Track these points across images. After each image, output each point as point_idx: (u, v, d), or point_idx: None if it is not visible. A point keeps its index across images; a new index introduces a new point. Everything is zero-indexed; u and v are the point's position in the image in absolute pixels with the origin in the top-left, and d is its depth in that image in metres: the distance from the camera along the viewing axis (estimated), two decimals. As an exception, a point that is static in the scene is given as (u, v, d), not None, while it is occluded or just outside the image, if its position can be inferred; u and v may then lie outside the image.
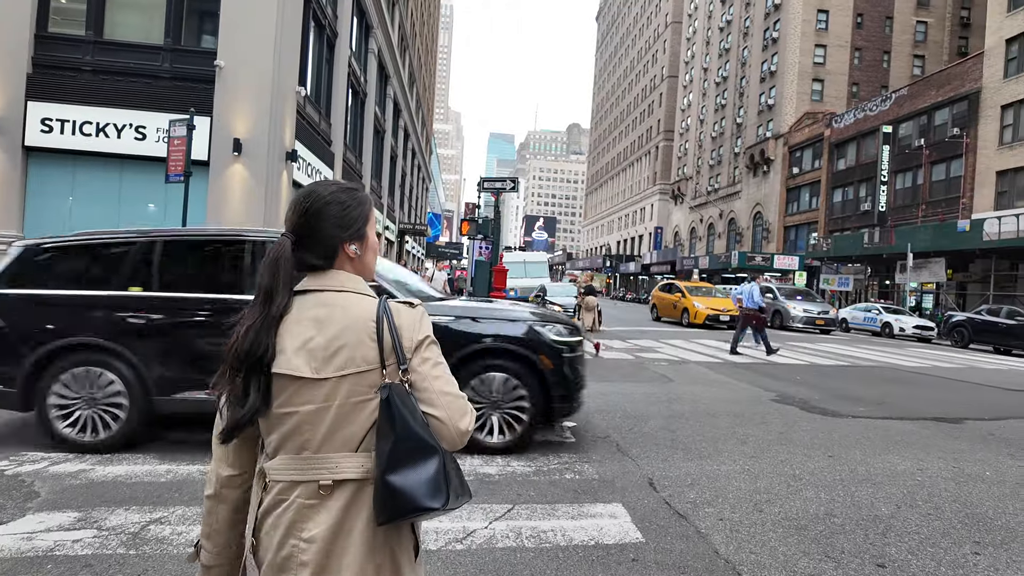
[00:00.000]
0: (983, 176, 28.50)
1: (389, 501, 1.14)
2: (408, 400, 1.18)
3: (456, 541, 3.11)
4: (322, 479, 1.17)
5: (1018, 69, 27.37)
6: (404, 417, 1.15)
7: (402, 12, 32.62)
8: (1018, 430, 6.43)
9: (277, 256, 1.23)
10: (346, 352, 1.19)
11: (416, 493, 1.13)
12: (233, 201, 12.85)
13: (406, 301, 1.30)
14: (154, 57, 13.34)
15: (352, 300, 1.24)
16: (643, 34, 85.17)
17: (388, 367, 1.20)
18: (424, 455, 1.15)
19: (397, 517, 1.14)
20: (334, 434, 1.19)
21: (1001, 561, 3.15)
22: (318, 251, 1.25)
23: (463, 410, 1.23)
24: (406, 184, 41.04)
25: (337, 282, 1.26)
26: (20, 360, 4.29)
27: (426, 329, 1.27)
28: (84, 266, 4.65)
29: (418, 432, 1.15)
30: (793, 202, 45.08)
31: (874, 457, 5.07)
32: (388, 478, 1.13)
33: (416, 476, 1.13)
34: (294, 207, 1.27)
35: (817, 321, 22.21)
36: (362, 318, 1.22)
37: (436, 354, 1.27)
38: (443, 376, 1.24)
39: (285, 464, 1.19)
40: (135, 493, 3.60)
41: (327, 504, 1.17)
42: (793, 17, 45.20)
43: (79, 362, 4.35)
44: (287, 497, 1.18)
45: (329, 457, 1.19)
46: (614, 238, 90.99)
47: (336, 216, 1.26)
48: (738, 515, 3.64)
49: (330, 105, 18.65)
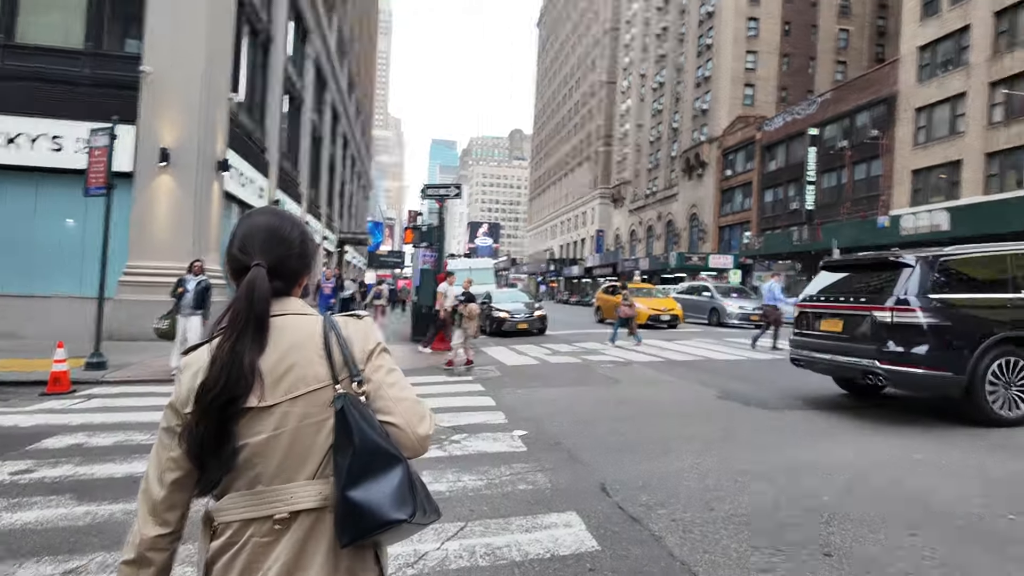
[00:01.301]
0: (900, 175, 30.35)
1: (351, 519, 1.06)
2: (364, 410, 1.12)
3: (407, 566, 2.99)
4: (277, 513, 1.09)
5: (931, 74, 29.31)
6: (361, 427, 1.09)
7: (340, 17, 32.01)
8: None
9: (264, 286, 1.17)
10: (295, 372, 1.13)
11: (381, 505, 1.06)
12: (160, 214, 12.24)
13: (352, 313, 1.28)
14: (73, 62, 12.55)
15: (296, 320, 1.20)
16: (582, 41, 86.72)
17: (341, 381, 1.15)
18: (387, 465, 1.09)
19: (362, 535, 1.07)
20: (288, 463, 1.11)
21: (935, 540, 3.28)
22: (285, 279, 1.24)
23: (421, 414, 1.19)
24: (345, 192, 40.23)
25: (290, 307, 1.22)
26: (963, 353, 5.84)
27: (377, 337, 1.24)
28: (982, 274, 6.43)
29: (378, 441, 1.10)
30: (727, 203, 46.78)
31: (814, 448, 5.24)
32: (349, 494, 1.06)
33: (379, 488, 1.07)
34: (268, 235, 1.24)
35: (752, 317, 22.97)
36: (308, 335, 1.18)
37: (389, 361, 1.23)
38: (398, 382, 1.21)
39: (235, 502, 1.11)
40: (49, 541, 3.28)
41: (283, 539, 1.09)
42: (725, 25, 46.99)
43: (1002, 354, 5.89)
44: (240, 538, 1.09)
45: (284, 488, 1.11)
46: (557, 242, 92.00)
47: (301, 249, 1.27)
48: (690, 515, 3.66)
49: (265, 112, 18.06)
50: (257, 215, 1.28)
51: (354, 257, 46.39)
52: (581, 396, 7.77)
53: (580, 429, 5.93)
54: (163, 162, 12.14)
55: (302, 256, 1.27)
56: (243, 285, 1.17)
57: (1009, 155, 25.30)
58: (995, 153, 25.73)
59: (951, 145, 27.69)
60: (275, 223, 1.27)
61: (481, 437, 5.59)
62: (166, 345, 9.30)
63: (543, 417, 6.43)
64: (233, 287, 1.22)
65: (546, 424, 6.14)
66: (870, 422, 6.34)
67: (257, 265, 1.19)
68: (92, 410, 6.69)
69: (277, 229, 1.25)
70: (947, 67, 28.47)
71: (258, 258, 1.20)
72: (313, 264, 1.32)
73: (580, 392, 8.10)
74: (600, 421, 6.27)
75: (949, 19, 28.44)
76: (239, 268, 1.21)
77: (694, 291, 26.17)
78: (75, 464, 4.64)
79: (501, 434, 5.71)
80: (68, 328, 11.32)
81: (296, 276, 1.27)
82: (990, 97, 26.03)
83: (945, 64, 28.66)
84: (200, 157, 12.53)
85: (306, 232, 1.31)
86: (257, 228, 1.25)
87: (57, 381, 7.54)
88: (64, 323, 11.51)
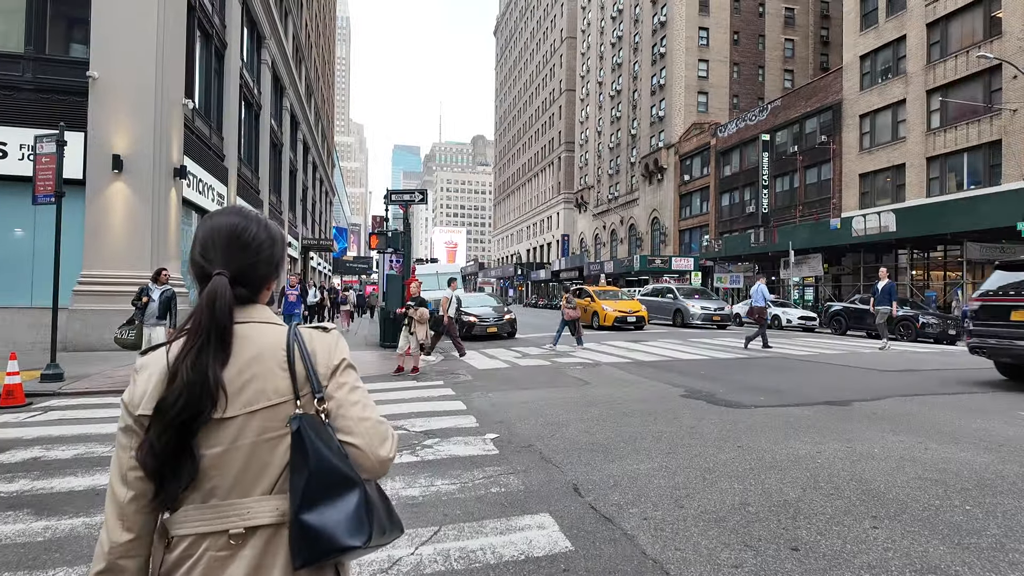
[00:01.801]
0: (848, 178, 31.56)
1: (305, 542, 1.04)
2: (323, 431, 1.09)
3: (381, 572, 2.97)
4: (233, 528, 1.06)
5: (872, 82, 30.61)
6: (318, 449, 1.06)
7: (296, 23, 31.56)
8: (896, 408, 7.09)
9: (226, 297, 1.12)
10: (255, 385, 1.10)
11: (336, 531, 1.04)
12: (115, 222, 11.83)
13: (319, 326, 1.22)
14: (13, 66, 12.06)
15: (262, 329, 1.15)
16: (540, 48, 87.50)
17: (303, 397, 1.11)
18: (343, 489, 1.06)
19: (315, 559, 1.05)
20: (245, 477, 1.08)
21: (897, 532, 3.42)
22: (251, 287, 1.19)
23: (383, 436, 1.15)
24: (308, 198, 39.59)
25: (255, 315, 1.18)
26: None
27: (342, 353, 1.20)
28: None
29: (335, 464, 1.06)
30: (686, 207, 47.81)
31: (778, 444, 5.40)
32: (303, 517, 1.04)
33: (335, 513, 1.04)
34: (229, 240, 1.17)
35: (714, 317, 23.57)
36: (271, 346, 1.13)
37: (354, 378, 1.19)
38: (361, 401, 1.16)
39: (189, 515, 1.07)
40: (6, 557, 3.15)
41: (239, 555, 1.06)
42: (677, 33, 48.13)
43: None
44: (194, 553, 1.06)
45: (240, 503, 1.08)
46: (524, 247, 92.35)
47: (268, 252, 1.22)
48: (660, 513, 3.73)
49: (221, 118, 17.66)
50: (219, 216, 1.21)
51: (319, 264, 45.64)
52: (552, 398, 7.82)
53: (551, 431, 5.97)
54: (116, 169, 11.75)
55: (270, 260, 1.21)
56: (204, 295, 1.12)
57: (948, 159, 26.60)
58: (935, 157, 27.02)
59: (895, 150, 28.96)
60: (239, 224, 1.19)
61: (453, 441, 5.57)
62: (127, 355, 9.01)
63: (514, 420, 6.44)
64: (197, 292, 1.17)
65: (518, 427, 6.16)
66: (828, 419, 6.57)
67: (219, 274, 1.14)
68: (49, 423, 6.41)
69: (242, 231, 1.18)
70: (887, 75, 29.81)
71: (220, 265, 1.15)
72: (283, 267, 1.26)
73: (551, 394, 8.15)
74: (571, 423, 6.33)
75: (886, 30, 29.80)
76: (202, 275, 1.16)
77: (658, 293, 26.68)
78: (32, 478, 4.45)
79: (473, 438, 5.71)
80: (20, 340, 10.85)
81: (263, 281, 1.21)
82: (928, 104, 27.35)
83: (885, 72, 30.00)
84: (155, 164, 12.18)
85: (274, 232, 1.23)
86: (218, 231, 1.18)
87: (10, 394, 7.23)
88: (16, 335, 11.02)
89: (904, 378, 9.68)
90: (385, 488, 4.20)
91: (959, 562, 3.04)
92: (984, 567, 2.99)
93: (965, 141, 25.57)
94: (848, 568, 2.98)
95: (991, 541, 3.29)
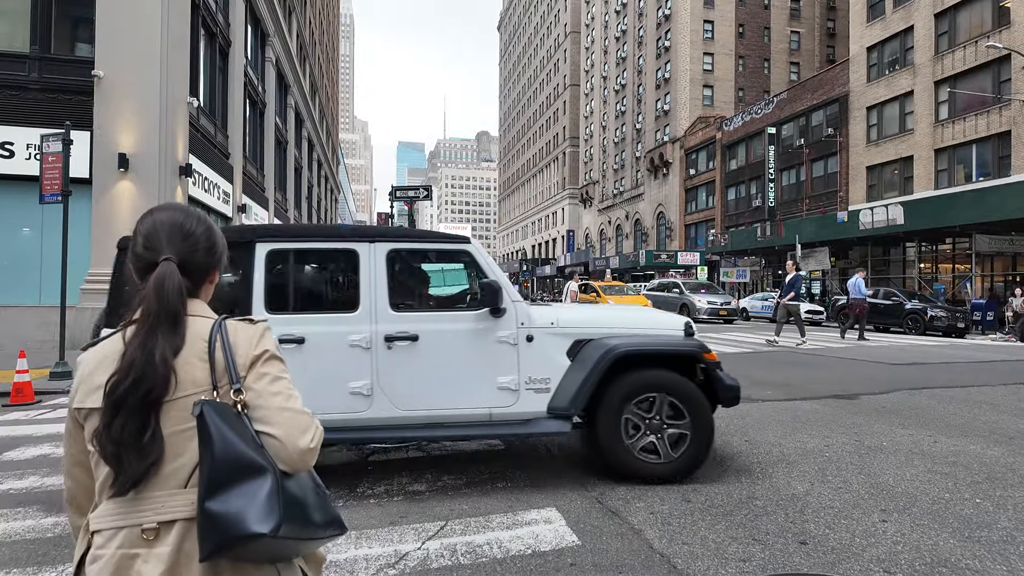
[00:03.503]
0: (855, 171, 31.35)
1: (209, 530, 1.00)
2: (232, 418, 1.06)
3: (388, 567, 2.97)
4: (145, 522, 1.05)
5: (879, 73, 30.36)
6: (224, 435, 1.03)
7: (299, 21, 31.58)
8: (904, 401, 7.05)
9: (175, 280, 1.13)
10: (172, 376, 1.09)
11: (240, 517, 0.99)
12: (122, 221, 11.86)
13: (247, 318, 1.22)
14: (19, 66, 12.12)
15: (191, 322, 1.15)
16: (544, 44, 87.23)
17: (221, 388, 1.10)
18: (250, 476, 1.02)
19: (221, 548, 1.00)
20: (159, 470, 1.07)
21: (906, 526, 3.40)
22: (193, 277, 1.20)
23: (304, 427, 1.12)
24: (313, 195, 39.68)
25: (192, 309, 1.18)
26: None
27: (265, 344, 1.18)
28: None
29: (241, 450, 1.03)
30: (692, 201, 47.62)
31: (786, 438, 5.37)
32: (206, 505, 1.00)
33: (240, 500, 1.00)
34: (172, 230, 1.19)
35: (720, 312, 23.51)
36: (193, 337, 1.13)
37: (277, 369, 1.17)
38: (283, 392, 1.14)
39: (108, 509, 1.07)
40: (16, 553, 3.18)
41: (154, 551, 1.04)
42: (682, 27, 47.86)
43: None
44: (107, 549, 1.04)
45: (153, 496, 1.06)
46: (529, 243, 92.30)
47: (209, 243, 1.24)
48: (667, 507, 3.72)
49: (227, 116, 17.69)
50: (159, 211, 1.23)
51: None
52: (556, 395, 7.80)
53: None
54: (122, 168, 11.79)
55: (210, 251, 1.24)
56: (152, 280, 1.12)
57: (956, 151, 26.37)
58: (943, 149, 26.78)
59: (902, 142, 28.72)
60: (179, 218, 1.22)
61: (458, 438, 5.57)
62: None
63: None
64: (139, 286, 1.18)
65: (522, 423, 6.15)
66: (836, 412, 6.53)
67: (166, 259, 1.15)
68: (59, 420, 6.45)
69: (181, 224, 1.21)
70: (894, 67, 29.54)
71: (167, 252, 1.17)
72: (223, 260, 1.29)
73: (554, 391, 8.12)
74: (576, 418, 6.31)
75: (893, 20, 29.52)
76: (145, 266, 1.17)
77: (664, 288, 26.61)
78: (42, 475, 4.47)
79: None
80: (30, 339, 10.93)
81: (205, 273, 1.24)
82: (936, 95, 27.10)
83: (892, 64, 29.74)
84: (161, 162, 12.21)
85: (212, 227, 1.27)
86: (161, 224, 1.20)
87: (20, 392, 7.27)
88: (25, 333, 11.10)
89: (912, 371, 9.62)
90: (391, 482, 4.22)
91: (969, 555, 3.02)
92: (995, 560, 2.97)
93: (974, 132, 25.33)
94: (857, 561, 2.96)
95: (1001, 534, 3.27)
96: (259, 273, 3.96)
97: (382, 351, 3.99)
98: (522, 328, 4.17)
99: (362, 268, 4.07)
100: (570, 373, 4.16)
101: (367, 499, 3.92)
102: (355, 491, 4.07)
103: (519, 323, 4.17)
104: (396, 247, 4.15)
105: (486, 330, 4.13)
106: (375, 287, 4.05)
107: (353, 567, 2.96)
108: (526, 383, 4.14)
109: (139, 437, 1.05)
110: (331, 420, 3.90)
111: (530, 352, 4.16)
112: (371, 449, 5.17)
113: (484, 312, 4.13)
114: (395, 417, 4.02)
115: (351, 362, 3.97)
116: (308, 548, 1.16)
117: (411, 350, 4.03)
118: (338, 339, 3.98)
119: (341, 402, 3.96)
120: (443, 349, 4.07)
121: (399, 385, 4.01)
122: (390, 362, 4.01)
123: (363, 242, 4.10)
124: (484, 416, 4.11)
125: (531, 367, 4.15)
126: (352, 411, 3.98)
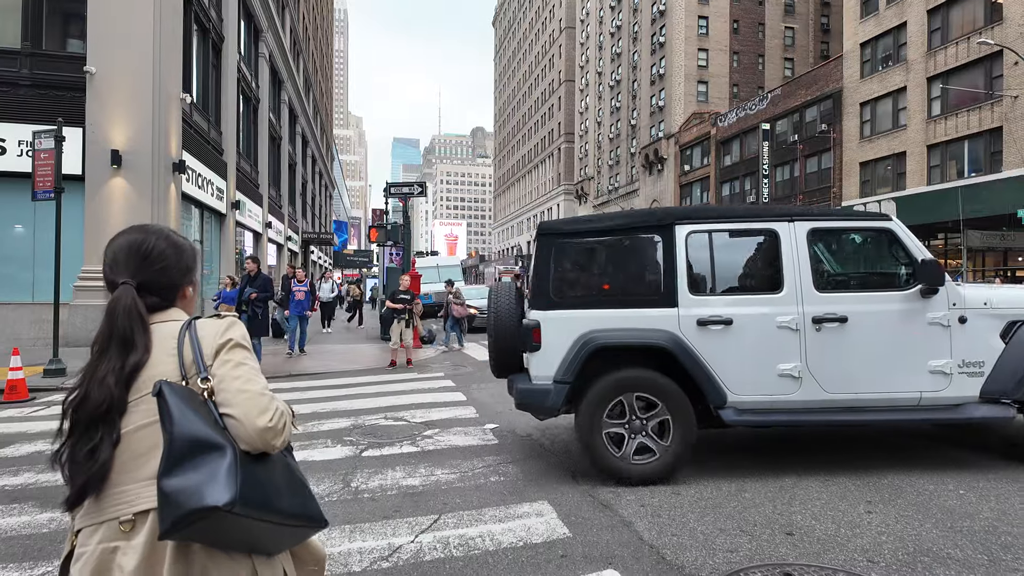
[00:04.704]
0: (849, 167, 31.46)
1: (166, 506, 1.03)
2: (192, 400, 1.11)
3: (382, 559, 3.01)
4: (121, 515, 1.09)
5: (872, 70, 30.45)
6: (183, 412, 1.08)
7: (293, 16, 31.43)
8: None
9: (130, 303, 1.19)
10: (145, 374, 1.15)
11: (196, 490, 1.02)
12: (115, 218, 11.83)
13: (215, 314, 1.29)
14: (10, 62, 12.05)
15: (164, 326, 1.23)
16: (539, 39, 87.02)
17: (190, 380, 1.16)
18: (208, 452, 1.06)
19: (176, 525, 1.02)
20: (131, 464, 1.12)
21: (891, 517, 3.47)
22: (161, 294, 1.27)
23: (262, 407, 1.15)
24: (308, 192, 39.56)
25: (168, 316, 1.26)
26: None
27: (230, 334, 1.23)
28: None
29: (199, 427, 1.07)
30: (686, 197, 47.69)
31: (773, 431, 5.43)
32: (163, 482, 1.04)
33: (198, 475, 1.04)
34: (129, 253, 1.26)
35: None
36: (163, 337, 1.20)
37: (240, 356, 1.22)
38: (243, 376, 1.19)
39: (86, 508, 1.12)
40: (11, 549, 3.21)
41: (131, 543, 1.09)
42: (677, 23, 47.85)
43: None
44: (89, 545, 1.09)
45: (127, 489, 1.11)
46: (524, 238, 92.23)
47: (173, 260, 1.30)
48: (657, 500, 3.77)
49: (220, 112, 17.62)
50: (122, 235, 1.29)
51: (320, 257, 45.67)
52: (549, 390, 7.84)
53: (550, 421, 6.00)
54: (115, 164, 11.75)
55: (176, 267, 1.30)
56: (108, 304, 1.21)
57: (948, 147, 26.51)
58: (935, 145, 26.92)
59: (895, 138, 28.84)
60: (138, 239, 1.28)
61: (453, 432, 5.62)
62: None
63: (514, 411, 6.48)
64: None
65: (517, 418, 6.19)
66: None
67: (124, 283, 1.21)
68: (53, 417, 6.45)
69: (140, 244, 1.27)
70: (887, 63, 29.63)
71: (124, 276, 1.23)
72: (194, 271, 1.35)
73: (548, 386, 8.17)
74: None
75: (886, 17, 29.60)
76: (112, 287, 1.24)
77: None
78: (37, 472, 4.50)
79: (473, 428, 5.76)
80: (23, 336, 10.91)
81: (174, 288, 1.30)
82: (929, 91, 27.22)
83: (885, 60, 29.82)
84: (154, 159, 12.17)
85: (179, 243, 1.32)
86: (119, 248, 1.27)
87: (13, 389, 7.29)
88: (18, 331, 11.07)
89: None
90: (385, 477, 4.26)
91: (951, 545, 3.09)
92: (976, 549, 3.03)
93: (966, 128, 25.46)
94: (842, 551, 3.03)
95: (984, 524, 3.33)
96: (680, 255, 3.98)
97: (811, 332, 3.97)
98: (954, 309, 4.07)
99: (783, 248, 4.05)
100: (1006, 355, 4.05)
101: (362, 494, 3.96)
102: (349, 486, 4.11)
103: (950, 304, 4.08)
104: (816, 226, 4.13)
105: (916, 311, 4.04)
106: (798, 267, 4.03)
107: (347, 560, 3.00)
108: (959, 366, 4.04)
109: (90, 454, 1.10)
110: (759, 402, 3.91)
111: (963, 334, 4.05)
112: (366, 444, 5.21)
113: (913, 292, 4.06)
114: (822, 400, 4.01)
115: (780, 344, 3.97)
116: (277, 540, 1.18)
117: (840, 331, 3.99)
118: (765, 321, 3.98)
119: (771, 384, 3.97)
120: (873, 331, 4.00)
121: (828, 367, 3.98)
122: (819, 343, 3.98)
123: (783, 222, 4.09)
124: (912, 400, 4.06)
125: (964, 349, 4.05)
126: (782, 393, 3.98)
